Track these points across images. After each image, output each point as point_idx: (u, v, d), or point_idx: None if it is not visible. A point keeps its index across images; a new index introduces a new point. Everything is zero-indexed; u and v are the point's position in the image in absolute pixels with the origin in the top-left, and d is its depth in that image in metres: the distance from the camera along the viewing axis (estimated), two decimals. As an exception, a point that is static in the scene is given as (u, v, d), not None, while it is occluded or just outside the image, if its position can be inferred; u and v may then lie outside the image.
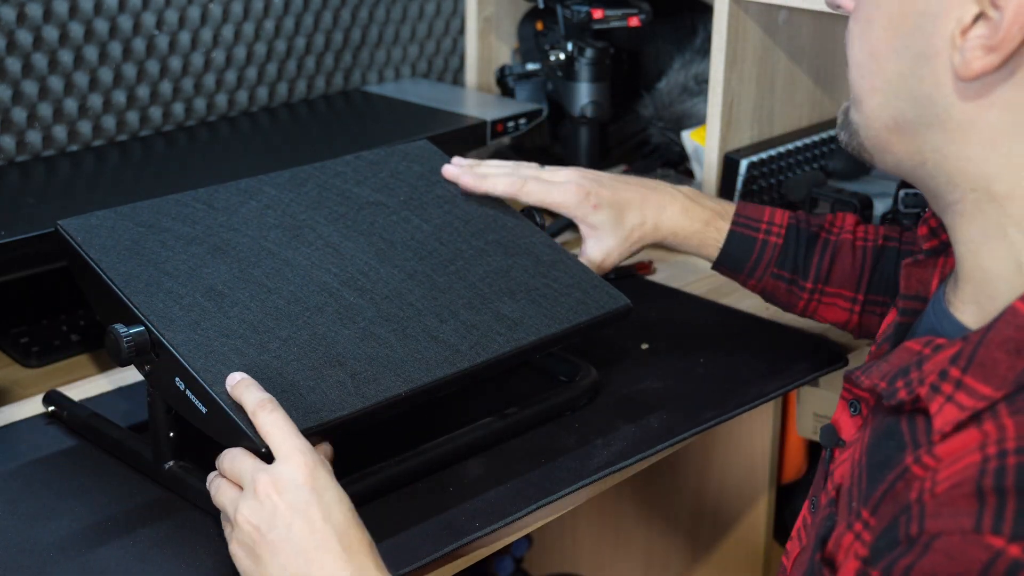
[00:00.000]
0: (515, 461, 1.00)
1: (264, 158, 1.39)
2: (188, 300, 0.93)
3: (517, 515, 0.94)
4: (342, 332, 0.95)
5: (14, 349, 1.17)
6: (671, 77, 1.57)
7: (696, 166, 1.52)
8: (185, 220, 1.01)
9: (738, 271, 1.14)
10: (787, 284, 1.13)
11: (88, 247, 0.96)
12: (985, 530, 0.60)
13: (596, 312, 1.06)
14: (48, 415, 1.06)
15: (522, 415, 1.04)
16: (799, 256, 1.12)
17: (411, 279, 1.02)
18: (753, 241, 1.13)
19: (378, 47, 1.66)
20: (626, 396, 1.11)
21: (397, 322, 0.97)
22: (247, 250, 0.99)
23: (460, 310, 1.00)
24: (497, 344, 0.99)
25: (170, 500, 0.95)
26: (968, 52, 0.68)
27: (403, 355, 0.94)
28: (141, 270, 0.94)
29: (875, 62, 0.74)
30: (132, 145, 1.41)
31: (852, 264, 1.11)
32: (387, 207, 1.10)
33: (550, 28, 1.53)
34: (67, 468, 0.99)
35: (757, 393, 1.13)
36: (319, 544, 0.80)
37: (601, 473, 0.99)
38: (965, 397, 0.67)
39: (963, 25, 0.69)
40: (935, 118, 0.72)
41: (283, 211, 1.05)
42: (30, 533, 0.91)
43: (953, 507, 0.62)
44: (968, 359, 0.68)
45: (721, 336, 1.22)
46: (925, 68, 0.71)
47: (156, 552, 0.89)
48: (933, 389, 0.69)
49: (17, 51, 1.30)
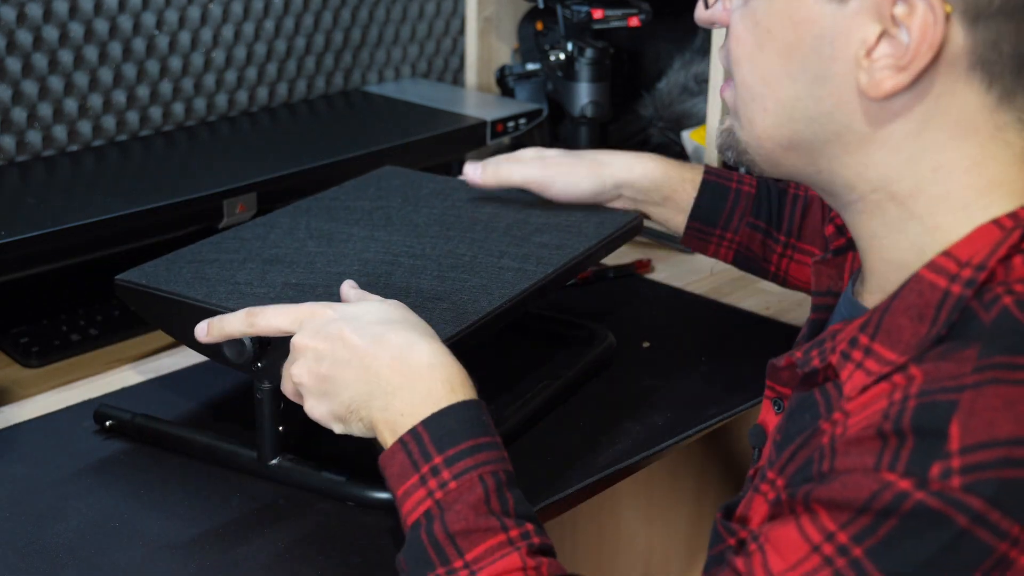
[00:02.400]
0: (519, 460, 1.00)
1: (264, 158, 1.39)
2: (274, 294, 0.96)
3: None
4: (421, 281, 1.00)
5: (14, 349, 1.17)
6: (671, 77, 1.57)
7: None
8: (226, 251, 1.05)
9: (713, 223, 1.13)
10: (762, 235, 1.12)
11: (157, 283, 0.98)
12: (883, 467, 0.64)
13: (618, 226, 1.12)
14: (105, 430, 1.04)
15: (570, 374, 1.10)
16: (772, 206, 1.12)
17: (451, 241, 1.08)
18: (727, 190, 1.13)
19: (378, 47, 1.66)
20: (629, 394, 1.11)
21: (462, 267, 1.03)
22: (299, 255, 1.04)
23: (507, 248, 1.07)
24: (555, 260, 1.05)
25: (175, 500, 0.95)
26: (877, 72, 0.69)
27: (484, 282, 1.00)
28: (216, 286, 0.97)
29: (766, 86, 0.74)
30: (132, 145, 1.41)
31: (822, 219, 1.11)
32: (392, 207, 1.15)
33: (550, 28, 1.53)
34: (71, 469, 0.99)
35: (759, 390, 1.12)
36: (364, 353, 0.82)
37: (606, 471, 1.00)
38: (873, 363, 0.70)
39: (868, 45, 0.69)
40: (833, 134, 0.73)
41: (309, 228, 1.10)
42: (37, 534, 0.90)
43: (859, 447, 0.66)
44: (876, 326, 0.71)
45: (722, 335, 1.22)
46: (824, 90, 0.71)
47: (164, 552, 0.89)
48: (843, 356, 0.71)
49: (17, 51, 1.30)
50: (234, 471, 0.98)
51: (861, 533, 0.64)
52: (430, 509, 0.78)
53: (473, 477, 0.79)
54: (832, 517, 0.65)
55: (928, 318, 0.68)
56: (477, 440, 0.80)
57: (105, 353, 1.19)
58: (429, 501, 0.79)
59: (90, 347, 1.19)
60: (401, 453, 0.80)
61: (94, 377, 1.14)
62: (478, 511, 0.78)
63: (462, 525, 0.77)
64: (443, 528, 0.77)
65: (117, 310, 1.24)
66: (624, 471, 1.01)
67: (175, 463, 0.99)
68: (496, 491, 0.79)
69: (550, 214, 1.13)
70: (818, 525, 0.66)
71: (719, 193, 1.12)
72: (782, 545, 0.67)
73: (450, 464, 0.79)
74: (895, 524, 0.63)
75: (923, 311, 0.69)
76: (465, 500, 0.78)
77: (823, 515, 0.66)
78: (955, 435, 0.63)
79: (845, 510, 0.65)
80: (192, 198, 1.23)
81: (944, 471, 0.62)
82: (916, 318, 0.69)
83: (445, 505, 0.78)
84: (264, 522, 0.92)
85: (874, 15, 0.68)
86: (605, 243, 1.10)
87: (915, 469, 0.63)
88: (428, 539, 0.78)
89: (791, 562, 0.66)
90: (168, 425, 1.02)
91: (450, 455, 0.79)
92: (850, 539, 0.64)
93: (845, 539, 0.64)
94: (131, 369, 1.16)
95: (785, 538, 0.67)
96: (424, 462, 0.79)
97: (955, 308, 0.68)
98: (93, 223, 1.15)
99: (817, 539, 0.66)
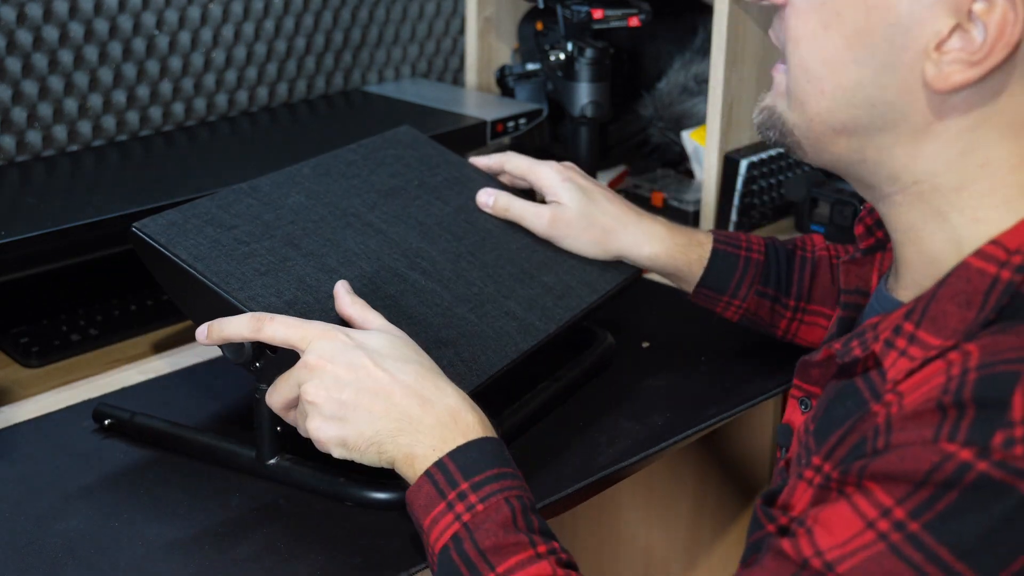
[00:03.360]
0: (519, 460, 1.00)
1: (264, 158, 1.39)
2: (289, 295, 0.96)
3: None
4: (429, 315, 1.00)
5: (14, 349, 1.17)
6: (671, 77, 1.57)
7: (696, 166, 1.52)
8: (244, 216, 1.03)
9: (722, 291, 1.12)
10: (771, 302, 1.13)
11: (175, 248, 0.97)
12: (942, 438, 0.64)
13: (619, 278, 1.15)
14: (104, 428, 1.04)
15: (570, 375, 1.10)
16: (781, 273, 1.12)
17: (461, 259, 1.08)
18: (736, 258, 1.12)
19: (378, 47, 1.66)
20: (628, 395, 1.11)
21: (470, 301, 1.03)
22: (313, 241, 1.03)
23: (515, 286, 1.07)
24: (559, 314, 1.07)
25: (176, 500, 0.95)
26: (946, 66, 0.69)
27: (489, 332, 1.00)
28: (233, 267, 0.97)
29: (828, 68, 0.74)
30: (132, 145, 1.41)
31: (832, 280, 1.12)
32: (408, 192, 1.15)
33: (550, 28, 1.53)
34: (71, 469, 0.99)
35: (758, 391, 1.13)
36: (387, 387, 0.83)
37: (606, 471, 1.00)
38: (917, 350, 0.70)
39: (940, 38, 0.69)
40: (890, 122, 0.73)
41: (324, 202, 1.09)
42: (37, 534, 0.90)
43: (917, 421, 0.66)
44: (921, 314, 0.71)
45: (721, 335, 1.22)
46: (889, 78, 0.72)
47: (163, 552, 0.89)
48: (887, 344, 0.72)
49: (17, 51, 1.30)
50: (233, 471, 0.98)
51: (919, 508, 0.64)
52: (458, 532, 0.79)
53: (499, 499, 0.80)
54: (888, 492, 0.65)
55: (976, 304, 0.69)
56: (501, 469, 0.82)
57: (105, 353, 1.19)
58: (457, 524, 0.79)
59: (90, 347, 1.19)
60: (428, 485, 0.81)
61: (94, 377, 1.14)
62: (506, 528, 0.79)
63: (492, 541, 0.78)
64: (473, 546, 0.78)
65: (117, 310, 1.24)
66: (624, 471, 1.01)
67: (175, 463, 0.99)
68: (522, 512, 0.80)
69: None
70: (872, 501, 0.65)
71: (728, 263, 1.12)
72: (832, 523, 0.67)
73: (476, 489, 0.80)
74: (955, 497, 0.63)
75: (971, 297, 0.69)
76: (493, 519, 0.79)
77: (877, 491, 0.65)
78: (1018, 404, 0.63)
79: (902, 483, 0.64)
80: (192, 198, 1.23)
81: (1007, 439, 0.62)
82: (963, 304, 0.69)
83: (473, 526, 0.79)
84: (264, 522, 0.92)
85: (951, 8, 0.68)
86: (606, 297, 1.12)
87: (976, 438, 0.63)
88: (460, 558, 0.79)
89: (841, 538, 0.66)
90: (167, 425, 1.02)
91: (476, 481, 0.80)
92: (907, 514, 0.64)
93: (902, 514, 0.64)
94: (131, 369, 1.16)
95: (835, 516, 0.67)
96: (451, 489, 0.80)
97: (1005, 293, 0.68)
98: (93, 223, 1.15)
99: (872, 515, 0.65)
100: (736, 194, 1.42)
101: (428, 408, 0.83)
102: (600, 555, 1.71)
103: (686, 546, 1.58)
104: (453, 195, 1.17)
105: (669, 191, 1.50)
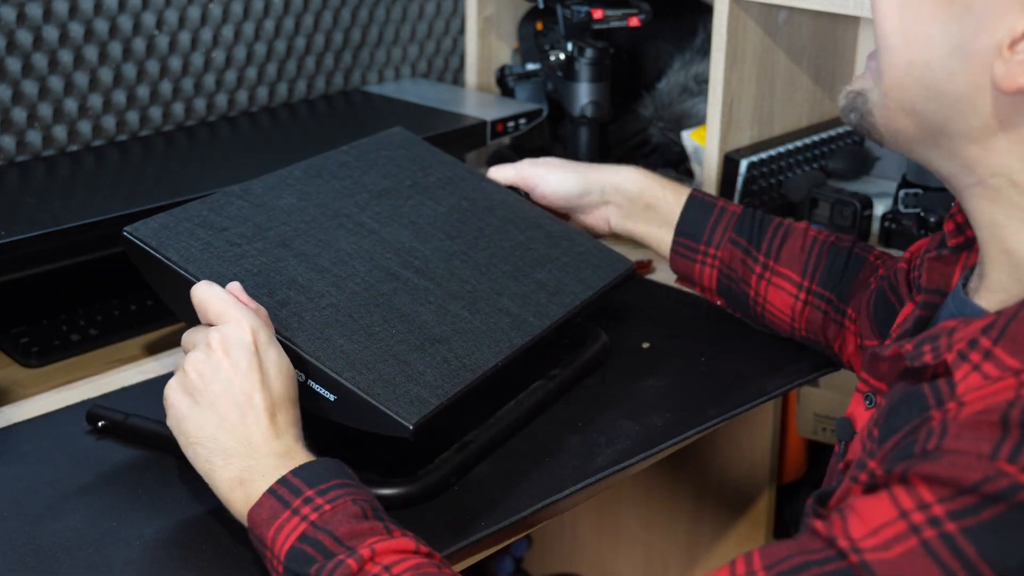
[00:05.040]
0: (518, 461, 1.00)
1: (264, 158, 1.39)
2: (281, 295, 0.96)
3: (523, 513, 0.94)
4: (422, 312, 1.00)
5: (14, 349, 1.17)
6: (671, 77, 1.57)
7: (696, 166, 1.52)
8: (235, 218, 1.03)
9: (697, 238, 1.15)
10: (743, 252, 1.14)
11: (166, 251, 0.97)
12: (1000, 457, 0.61)
13: (614, 274, 1.15)
14: (99, 430, 1.03)
15: (564, 375, 1.10)
16: (754, 228, 1.14)
17: (455, 257, 1.08)
18: (712, 207, 1.15)
19: (378, 47, 1.66)
20: (628, 395, 1.11)
21: (463, 298, 1.03)
22: (305, 242, 1.03)
23: (508, 283, 1.07)
24: (552, 310, 1.07)
25: (175, 500, 0.95)
26: (1015, 66, 0.68)
27: (483, 328, 1.00)
28: (225, 269, 0.97)
29: (906, 42, 0.73)
30: (132, 145, 1.41)
31: (802, 247, 1.12)
32: (400, 192, 1.15)
33: (550, 28, 1.53)
34: (70, 469, 0.99)
35: (758, 391, 1.13)
36: (252, 409, 0.83)
37: (606, 472, 0.99)
38: (992, 368, 0.67)
39: (1014, 36, 0.68)
40: (959, 114, 0.72)
41: (316, 203, 1.09)
42: (35, 533, 0.90)
43: (975, 431, 0.63)
44: (1000, 331, 0.68)
45: (721, 335, 1.22)
46: (959, 65, 0.70)
47: (162, 552, 0.89)
48: (960, 356, 0.69)
49: (17, 51, 1.30)
50: None
51: (962, 511, 0.61)
52: (306, 530, 0.78)
53: (347, 500, 0.80)
54: (931, 490, 0.62)
55: None
56: (346, 480, 0.82)
57: (105, 353, 1.19)
58: (304, 524, 0.79)
59: (90, 347, 1.19)
60: (270, 500, 0.81)
61: (94, 377, 1.14)
62: (359, 519, 0.78)
63: (346, 529, 0.78)
64: (327, 535, 0.77)
65: (117, 310, 1.24)
66: (623, 472, 1.01)
67: (173, 463, 0.99)
68: (372, 511, 0.80)
69: (552, 241, 1.15)
70: (913, 495, 0.63)
71: (704, 208, 1.15)
72: (866, 511, 0.65)
73: (323, 494, 0.80)
74: (1002, 511, 0.60)
75: None
76: (343, 513, 0.79)
77: (920, 487, 0.63)
78: None
79: (948, 487, 0.62)
80: (192, 198, 1.23)
81: None
82: None
83: (322, 522, 0.78)
84: (263, 522, 0.92)
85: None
86: (601, 293, 1.13)
87: None
88: (312, 548, 0.77)
89: (873, 526, 0.63)
90: (161, 425, 1.02)
91: (322, 488, 0.80)
92: (946, 513, 0.61)
93: (941, 512, 0.61)
94: (131, 369, 1.16)
95: (872, 505, 0.65)
96: (296, 497, 0.80)
97: None
98: (93, 223, 1.15)
99: (908, 506, 0.63)
100: (736, 194, 1.42)
101: (272, 442, 0.83)
102: (600, 555, 1.71)
103: (686, 546, 1.58)
104: (446, 195, 1.17)
105: (669, 191, 1.50)
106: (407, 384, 0.92)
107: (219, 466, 0.84)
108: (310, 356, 0.91)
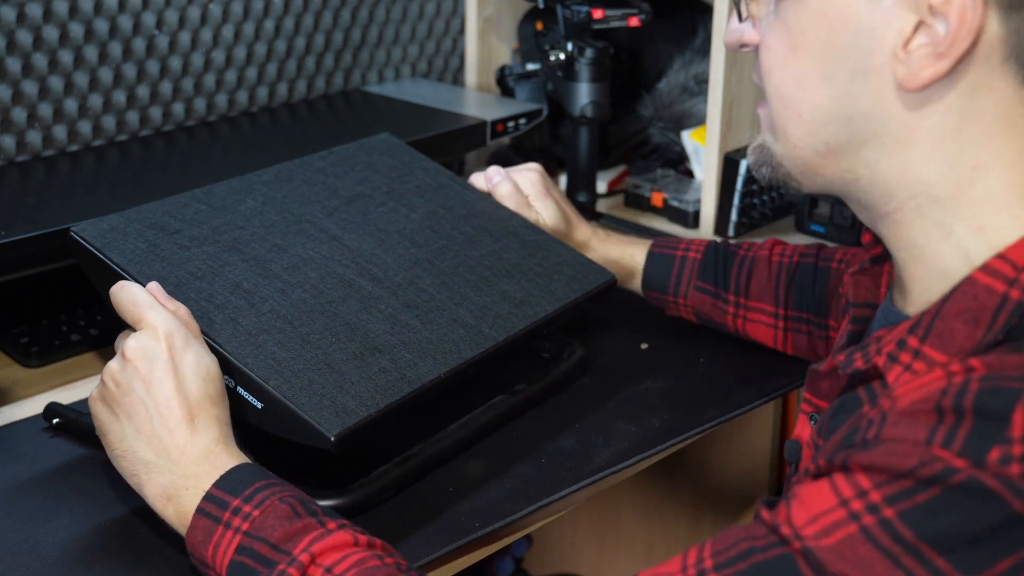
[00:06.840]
0: (515, 461, 1.00)
1: (264, 158, 1.39)
2: (220, 299, 0.95)
3: (518, 515, 0.94)
4: (370, 321, 0.97)
5: (14, 349, 1.17)
6: (671, 77, 1.57)
7: (696, 166, 1.52)
8: (191, 221, 1.02)
9: (664, 291, 1.18)
10: (712, 298, 1.15)
11: (109, 252, 0.96)
12: (935, 443, 0.63)
13: (588, 287, 1.11)
14: (53, 427, 1.04)
15: (531, 389, 1.07)
16: (719, 270, 1.15)
17: (417, 266, 1.05)
18: (672, 259, 1.17)
19: (378, 47, 1.66)
20: (626, 396, 1.11)
21: (417, 308, 1.00)
22: (259, 247, 1.02)
23: (469, 292, 1.04)
24: (513, 322, 1.03)
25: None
26: (915, 63, 0.69)
27: (432, 339, 0.98)
28: (168, 272, 0.96)
29: (801, 90, 0.74)
30: (132, 145, 1.41)
31: (768, 276, 1.13)
32: (373, 199, 1.13)
33: (550, 28, 1.53)
34: (66, 469, 0.99)
35: (757, 392, 1.13)
36: (168, 418, 0.83)
37: (602, 473, 0.99)
38: (922, 365, 0.69)
39: (905, 37, 0.69)
40: (871, 134, 0.72)
41: (280, 207, 1.08)
42: (29, 533, 0.90)
43: (912, 419, 0.65)
44: (926, 329, 0.70)
45: (721, 336, 1.22)
46: (861, 86, 0.71)
47: (156, 554, 0.89)
48: (890, 358, 0.71)
49: (17, 51, 1.30)
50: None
51: (897, 495, 0.63)
52: (241, 541, 0.79)
53: (274, 501, 0.80)
54: (869, 477, 0.64)
55: (984, 323, 0.68)
56: (268, 481, 0.82)
57: (105, 353, 1.19)
58: (239, 536, 0.79)
59: (90, 347, 1.19)
60: (202, 519, 0.81)
61: (94, 377, 1.14)
62: (290, 518, 0.79)
63: (280, 533, 0.78)
64: (263, 543, 0.78)
65: (116, 310, 1.24)
66: (620, 474, 1.01)
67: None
68: (301, 505, 0.80)
69: (527, 251, 1.12)
70: (851, 482, 0.65)
71: (664, 263, 1.17)
72: (809, 499, 0.66)
73: (248, 500, 0.80)
74: (937, 493, 0.62)
75: (978, 315, 0.68)
76: (274, 516, 0.79)
77: (859, 475, 0.64)
78: (1018, 422, 0.62)
79: (884, 473, 0.63)
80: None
81: (1004, 457, 0.61)
82: (971, 322, 0.68)
83: (255, 529, 0.79)
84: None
85: (911, 6, 0.68)
86: (570, 306, 1.08)
87: (971, 451, 0.62)
88: (252, 559, 0.78)
89: (813, 513, 0.65)
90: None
91: (247, 495, 0.80)
92: (883, 499, 0.63)
93: (878, 498, 0.63)
94: (130, 369, 1.16)
95: (814, 492, 0.66)
96: (224, 510, 0.80)
97: (1014, 313, 0.67)
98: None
99: (847, 493, 0.64)
100: (736, 194, 1.42)
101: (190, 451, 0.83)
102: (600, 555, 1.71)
103: (686, 546, 1.58)
104: (422, 202, 1.15)
105: (669, 191, 1.50)
106: (335, 394, 0.89)
107: (144, 480, 0.84)
108: (237, 360, 0.89)
